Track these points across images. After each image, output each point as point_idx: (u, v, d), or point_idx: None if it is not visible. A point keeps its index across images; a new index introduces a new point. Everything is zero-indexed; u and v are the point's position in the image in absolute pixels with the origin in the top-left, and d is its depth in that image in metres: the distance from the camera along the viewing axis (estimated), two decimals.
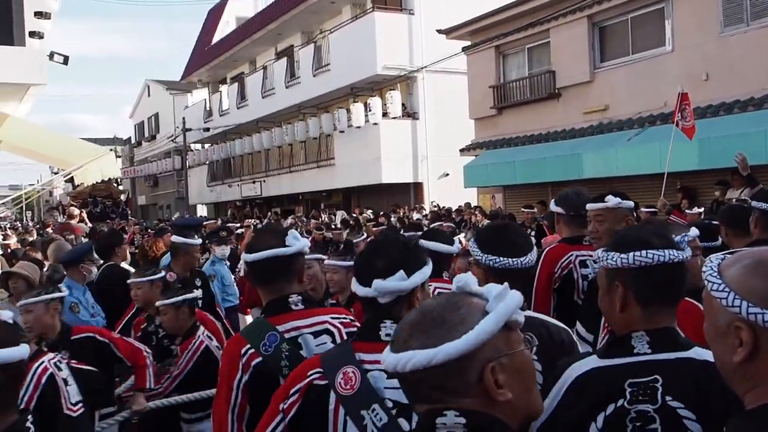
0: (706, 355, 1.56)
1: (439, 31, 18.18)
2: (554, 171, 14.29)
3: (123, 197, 22.55)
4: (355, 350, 1.81)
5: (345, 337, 2.31)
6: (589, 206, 3.30)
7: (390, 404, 1.73)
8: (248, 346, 2.18)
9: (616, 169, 12.80)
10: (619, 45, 14.41)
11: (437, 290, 2.95)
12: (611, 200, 3.16)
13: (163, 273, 4.72)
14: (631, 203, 3.25)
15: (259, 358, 2.16)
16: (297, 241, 2.33)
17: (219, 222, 14.01)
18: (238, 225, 12.92)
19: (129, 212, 22.35)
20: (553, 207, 3.64)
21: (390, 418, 1.70)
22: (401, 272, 1.85)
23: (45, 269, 6.57)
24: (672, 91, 12.92)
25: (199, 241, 5.51)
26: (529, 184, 15.51)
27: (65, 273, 5.17)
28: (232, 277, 6.99)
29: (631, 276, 1.68)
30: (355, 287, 1.88)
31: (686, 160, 11.63)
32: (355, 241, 8.60)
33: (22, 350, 1.60)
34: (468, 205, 15.86)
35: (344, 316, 2.36)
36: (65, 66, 12.34)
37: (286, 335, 2.21)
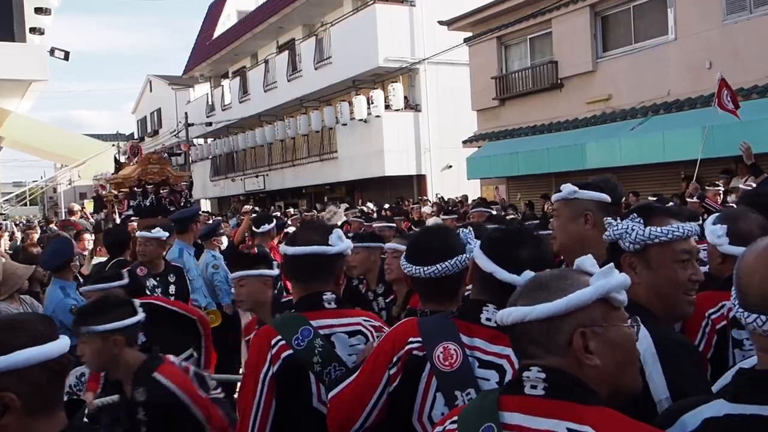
0: None
1: (441, 23, 18.11)
2: (557, 161, 14.26)
3: (184, 182, 17.64)
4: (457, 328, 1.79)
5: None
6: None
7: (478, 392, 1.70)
8: (279, 337, 2.11)
9: (619, 159, 12.76)
10: (621, 34, 14.34)
11: None
12: (566, 189, 2.53)
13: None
14: (594, 194, 2.46)
15: (290, 351, 2.09)
16: (341, 242, 2.25)
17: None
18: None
19: (192, 202, 17.74)
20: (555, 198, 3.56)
21: None
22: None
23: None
24: (675, 80, 12.90)
25: (165, 234, 5.24)
26: (532, 175, 15.47)
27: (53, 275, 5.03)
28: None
29: None
30: (488, 266, 1.79)
31: (690, 149, 11.59)
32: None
33: (61, 344, 1.48)
34: (465, 197, 15.84)
35: (374, 320, 2.30)
36: (66, 62, 12.33)
37: (320, 332, 2.15)
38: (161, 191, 15.95)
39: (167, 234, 5.39)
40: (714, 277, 2.34)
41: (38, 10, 11.55)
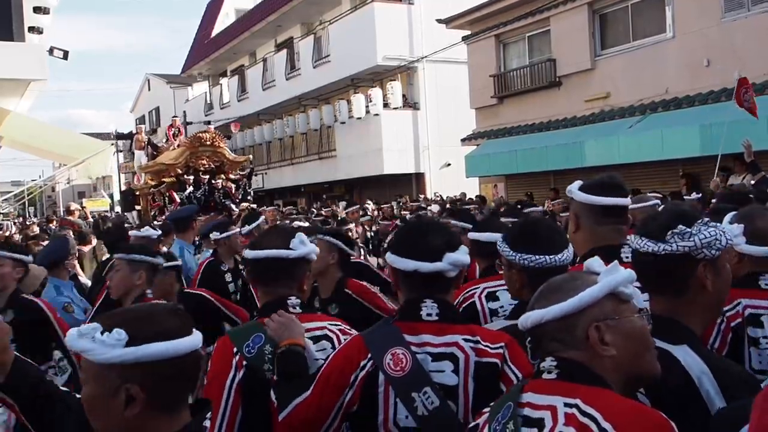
0: None
1: (439, 21, 18.12)
2: (556, 159, 14.28)
3: (240, 170, 13.78)
4: (401, 331, 1.81)
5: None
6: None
7: (437, 387, 1.74)
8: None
9: (618, 157, 12.78)
10: (619, 32, 14.37)
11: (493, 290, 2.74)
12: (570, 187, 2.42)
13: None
14: (583, 195, 2.33)
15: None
16: (303, 246, 2.21)
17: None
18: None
19: (251, 193, 14.16)
20: None
21: (441, 401, 1.72)
22: (464, 247, 1.91)
23: None
24: (673, 78, 12.91)
25: (157, 232, 5.21)
26: (530, 173, 15.49)
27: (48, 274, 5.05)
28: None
29: None
30: (410, 265, 1.85)
31: (688, 147, 11.62)
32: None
33: (191, 341, 1.39)
34: (464, 195, 15.87)
35: (339, 323, 2.25)
36: (65, 61, 12.31)
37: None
38: (215, 180, 12.50)
39: (158, 233, 5.40)
40: None
41: (37, 9, 11.53)
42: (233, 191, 13.16)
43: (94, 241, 8.09)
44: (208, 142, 13.14)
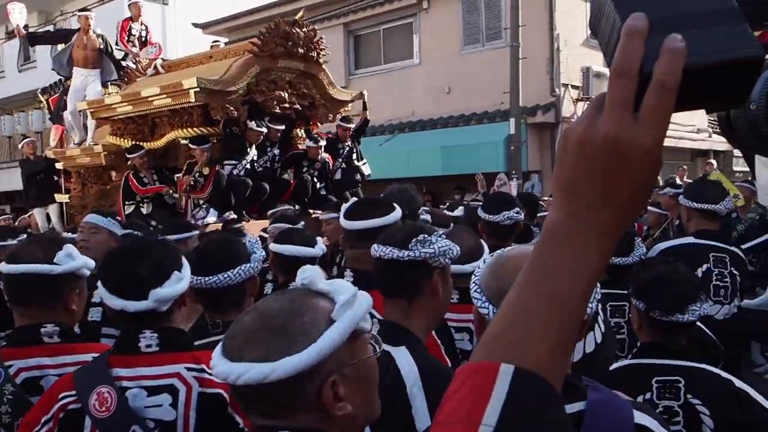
0: None
1: (195, 25, 17.46)
2: None
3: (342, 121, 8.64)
4: (111, 365, 1.63)
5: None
6: None
7: (152, 424, 1.59)
8: None
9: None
10: (372, 54, 14.98)
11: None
12: None
13: None
14: None
15: None
16: (70, 260, 1.90)
17: None
18: None
19: (363, 172, 8.74)
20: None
21: None
22: (177, 273, 1.69)
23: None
24: (419, 101, 13.75)
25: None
26: None
27: None
28: None
29: None
30: (114, 302, 1.64)
31: (431, 167, 12.44)
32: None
33: None
34: None
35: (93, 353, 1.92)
36: None
37: (25, 374, 1.80)
38: (299, 140, 6.87)
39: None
40: None
41: None
42: (325, 166, 7.10)
43: None
44: (300, 49, 6.70)
